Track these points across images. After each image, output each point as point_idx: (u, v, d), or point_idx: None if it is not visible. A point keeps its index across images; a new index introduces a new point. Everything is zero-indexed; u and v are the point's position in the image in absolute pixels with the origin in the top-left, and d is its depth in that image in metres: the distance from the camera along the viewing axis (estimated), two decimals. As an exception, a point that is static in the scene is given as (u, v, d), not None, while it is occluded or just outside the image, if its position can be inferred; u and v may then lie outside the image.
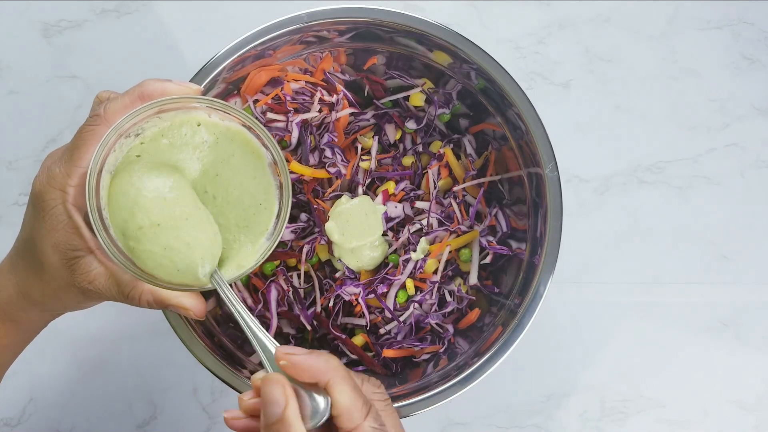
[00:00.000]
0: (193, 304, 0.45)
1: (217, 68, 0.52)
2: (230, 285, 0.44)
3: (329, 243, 0.58)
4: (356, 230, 0.57)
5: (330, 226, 0.57)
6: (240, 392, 0.46)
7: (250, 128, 0.45)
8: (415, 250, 0.58)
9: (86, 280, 0.44)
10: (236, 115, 0.44)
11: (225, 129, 0.45)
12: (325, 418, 0.38)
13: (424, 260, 0.58)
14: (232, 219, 0.45)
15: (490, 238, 0.58)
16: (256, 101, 0.58)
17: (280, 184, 0.45)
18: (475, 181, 0.60)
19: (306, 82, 0.59)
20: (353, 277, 0.58)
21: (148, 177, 0.43)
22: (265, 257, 0.45)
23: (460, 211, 0.59)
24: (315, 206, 0.59)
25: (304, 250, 0.58)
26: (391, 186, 0.61)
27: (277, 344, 0.40)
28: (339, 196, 0.59)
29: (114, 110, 0.43)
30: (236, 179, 0.45)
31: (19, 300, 0.46)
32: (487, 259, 0.58)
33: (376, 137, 0.61)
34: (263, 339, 0.41)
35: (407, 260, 0.58)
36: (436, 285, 0.58)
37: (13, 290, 0.46)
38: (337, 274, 0.59)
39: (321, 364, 0.38)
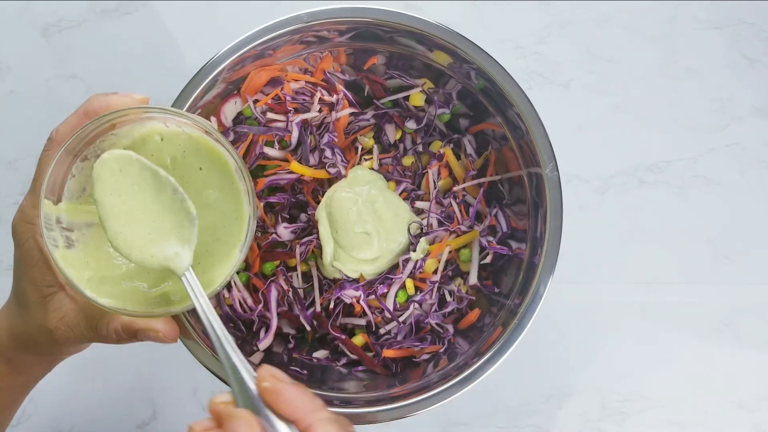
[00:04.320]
0: (164, 327, 0.43)
1: (217, 68, 0.52)
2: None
3: (320, 249, 0.58)
4: (353, 239, 0.57)
5: (323, 231, 0.57)
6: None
7: (209, 133, 0.43)
8: (414, 250, 0.58)
9: (56, 317, 0.42)
10: (192, 121, 0.42)
11: (188, 138, 0.43)
12: None
13: (423, 260, 0.58)
14: (202, 235, 0.43)
15: (490, 238, 0.58)
16: (256, 101, 0.58)
17: (248, 190, 0.44)
18: (475, 181, 0.60)
19: (306, 82, 0.59)
20: (351, 279, 0.58)
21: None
22: (235, 269, 0.43)
23: (460, 211, 0.59)
24: (314, 208, 0.59)
25: (298, 251, 0.58)
26: (392, 186, 0.61)
27: (250, 368, 0.36)
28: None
29: (63, 132, 0.41)
30: (205, 193, 0.44)
31: (10, 341, 0.45)
32: (487, 259, 0.58)
33: (377, 145, 0.61)
34: (236, 361, 0.36)
35: (407, 260, 0.58)
36: (436, 285, 0.58)
37: (4, 331, 0.45)
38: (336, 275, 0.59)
39: (307, 402, 0.34)
